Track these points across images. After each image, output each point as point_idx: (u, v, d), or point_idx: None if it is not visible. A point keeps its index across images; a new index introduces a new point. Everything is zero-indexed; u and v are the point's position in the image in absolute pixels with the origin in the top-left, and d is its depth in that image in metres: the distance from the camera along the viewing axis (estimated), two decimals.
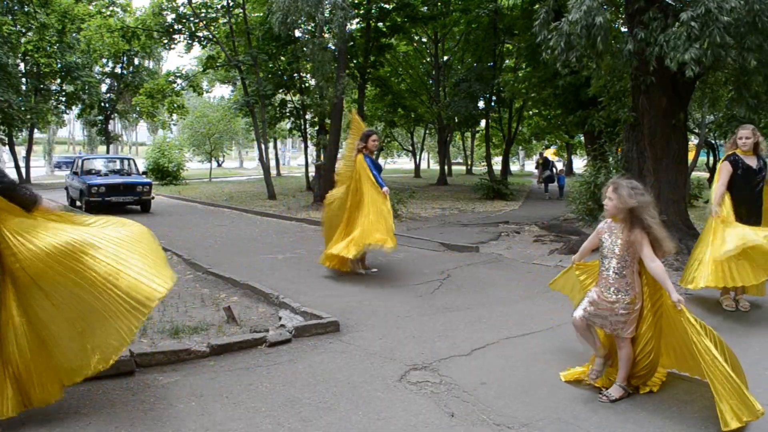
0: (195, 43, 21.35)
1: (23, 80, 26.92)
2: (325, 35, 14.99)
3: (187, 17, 20.34)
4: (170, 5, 20.65)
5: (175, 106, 25.00)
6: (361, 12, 18.99)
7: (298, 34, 18.47)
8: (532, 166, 35.22)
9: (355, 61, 20.60)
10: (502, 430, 3.17)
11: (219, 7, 20.59)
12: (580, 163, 27.69)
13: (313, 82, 20.02)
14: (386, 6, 19.80)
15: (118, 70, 30.75)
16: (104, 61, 30.43)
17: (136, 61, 31.08)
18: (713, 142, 21.29)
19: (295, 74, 21.75)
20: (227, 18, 19.95)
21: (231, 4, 19.91)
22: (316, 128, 22.46)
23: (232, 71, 23.98)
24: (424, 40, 26.57)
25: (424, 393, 3.65)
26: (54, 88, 29.51)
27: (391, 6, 19.79)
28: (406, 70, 26.73)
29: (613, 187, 3.53)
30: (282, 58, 21.45)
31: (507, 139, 23.99)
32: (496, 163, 32.72)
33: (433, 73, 26.17)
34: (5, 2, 23.43)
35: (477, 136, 38.58)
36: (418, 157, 37.85)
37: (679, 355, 3.64)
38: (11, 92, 23.02)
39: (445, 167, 30.22)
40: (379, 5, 19.44)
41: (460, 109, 20.01)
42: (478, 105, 21.45)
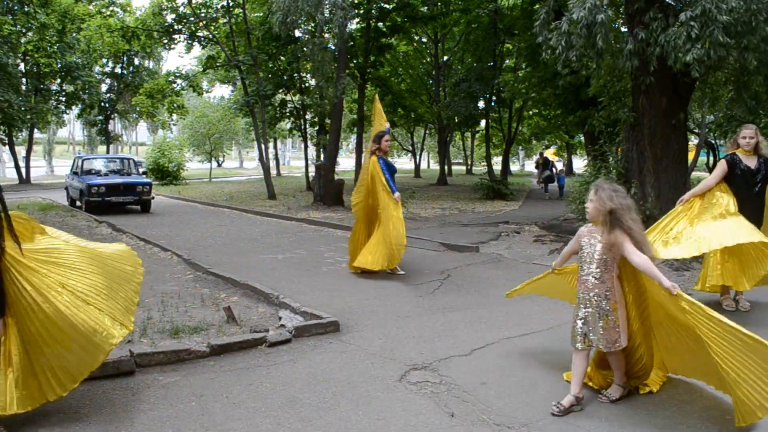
0: (195, 43, 21.35)
1: (23, 80, 26.96)
2: (325, 35, 14.97)
3: (187, 17, 20.33)
4: (170, 5, 20.64)
5: (175, 106, 25.01)
6: (361, 12, 18.98)
7: (298, 34, 18.47)
8: (532, 166, 35.20)
9: (355, 61, 20.60)
10: (502, 430, 3.17)
11: (219, 7, 20.57)
12: (580, 163, 27.75)
13: (313, 82, 20.03)
14: (386, 6, 19.80)
15: (118, 70, 30.80)
16: (104, 61, 30.48)
17: (136, 61, 31.12)
18: (713, 142, 21.27)
19: (295, 74, 21.75)
20: (227, 18, 19.95)
21: (231, 4, 19.91)
22: (316, 128, 22.47)
23: (232, 71, 23.99)
24: (424, 40, 26.55)
25: (424, 393, 3.65)
26: (54, 88, 29.56)
27: (391, 6, 19.79)
28: (406, 70, 26.72)
29: (594, 190, 3.53)
30: (282, 58, 21.46)
31: (507, 139, 23.96)
32: (496, 163, 32.70)
33: (433, 73, 26.16)
34: (5, 2, 23.42)
35: (477, 136, 38.56)
36: (418, 157, 37.87)
37: (673, 353, 3.60)
38: (11, 92, 23.05)
39: (445, 167, 30.20)
40: (379, 5, 19.43)
41: (460, 109, 19.99)
42: (478, 105, 21.42)
